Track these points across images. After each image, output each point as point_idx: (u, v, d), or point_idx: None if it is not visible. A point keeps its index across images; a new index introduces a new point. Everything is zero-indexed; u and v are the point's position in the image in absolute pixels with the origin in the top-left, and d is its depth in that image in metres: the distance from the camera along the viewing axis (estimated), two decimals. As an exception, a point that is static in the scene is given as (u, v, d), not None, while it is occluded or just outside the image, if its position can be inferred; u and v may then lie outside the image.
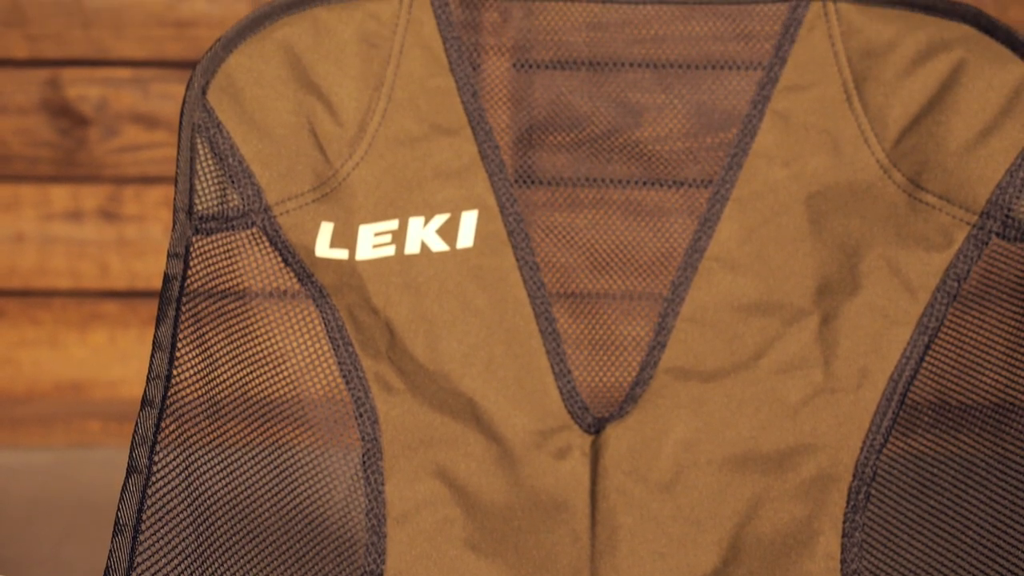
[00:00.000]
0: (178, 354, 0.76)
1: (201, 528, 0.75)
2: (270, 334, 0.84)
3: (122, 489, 0.71)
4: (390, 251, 0.87)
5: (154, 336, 0.76)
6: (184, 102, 0.81)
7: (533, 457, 0.89)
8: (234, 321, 0.82)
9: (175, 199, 0.80)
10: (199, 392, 0.77)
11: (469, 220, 0.89)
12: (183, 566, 0.73)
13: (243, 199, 0.83)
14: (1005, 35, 0.83)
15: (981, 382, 0.82)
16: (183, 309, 0.77)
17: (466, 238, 0.89)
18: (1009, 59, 0.83)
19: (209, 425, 0.77)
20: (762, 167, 0.89)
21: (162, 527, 0.72)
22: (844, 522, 0.86)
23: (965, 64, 0.84)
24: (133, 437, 0.72)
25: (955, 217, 0.84)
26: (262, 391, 0.83)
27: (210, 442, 0.77)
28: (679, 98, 0.90)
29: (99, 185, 1.51)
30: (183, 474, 0.74)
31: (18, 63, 1.47)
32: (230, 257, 0.82)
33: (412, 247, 0.88)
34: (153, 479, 0.72)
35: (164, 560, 0.72)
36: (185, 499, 0.74)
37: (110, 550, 0.70)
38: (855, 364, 0.87)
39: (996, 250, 0.83)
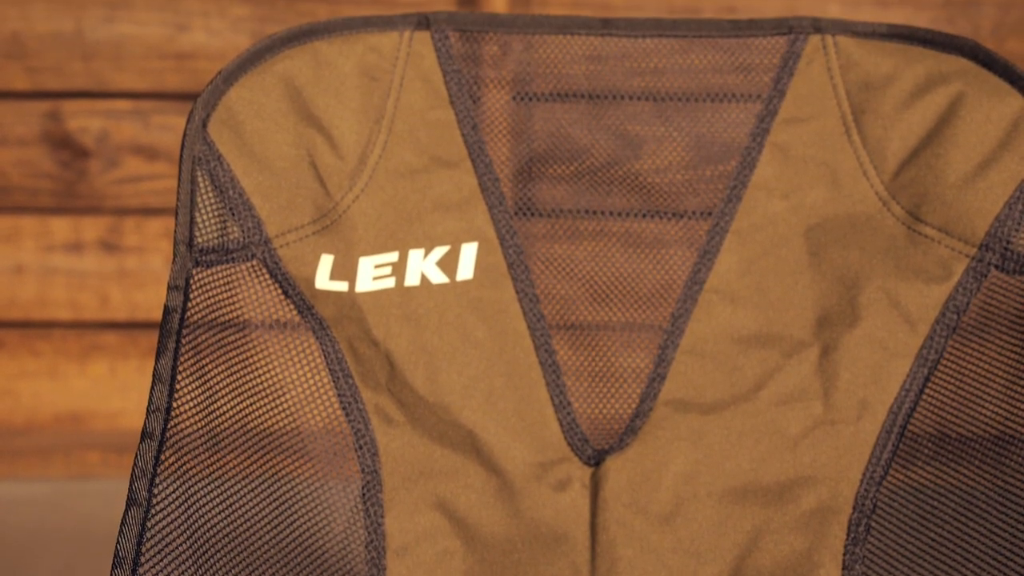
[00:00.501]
0: (178, 386, 0.76)
1: (200, 560, 0.75)
2: (270, 366, 0.84)
3: (121, 521, 0.71)
4: (390, 283, 0.88)
5: (154, 368, 0.76)
6: (185, 135, 0.81)
7: (533, 489, 0.88)
8: (234, 353, 0.82)
9: (175, 231, 0.80)
10: (199, 424, 0.77)
11: (469, 252, 0.89)
12: (182, 599, 0.73)
13: (243, 231, 0.83)
14: (1003, 68, 0.83)
15: (981, 414, 0.81)
16: (183, 341, 0.77)
17: (466, 270, 0.89)
18: (1007, 92, 0.83)
19: (209, 457, 0.77)
20: (761, 199, 0.89)
21: (161, 559, 0.72)
22: (844, 555, 0.86)
23: (963, 97, 0.84)
24: (133, 469, 0.72)
25: (954, 249, 0.84)
26: (262, 423, 0.83)
27: (210, 474, 0.77)
28: (678, 130, 0.90)
29: (99, 216, 1.52)
30: (183, 506, 0.74)
31: (19, 95, 1.48)
32: (230, 289, 0.82)
33: (412, 279, 0.88)
34: (153, 511, 0.72)
35: (163, 593, 0.72)
36: (184, 531, 0.74)
37: (109, 583, 0.70)
38: (855, 396, 0.87)
39: (995, 282, 0.83)
